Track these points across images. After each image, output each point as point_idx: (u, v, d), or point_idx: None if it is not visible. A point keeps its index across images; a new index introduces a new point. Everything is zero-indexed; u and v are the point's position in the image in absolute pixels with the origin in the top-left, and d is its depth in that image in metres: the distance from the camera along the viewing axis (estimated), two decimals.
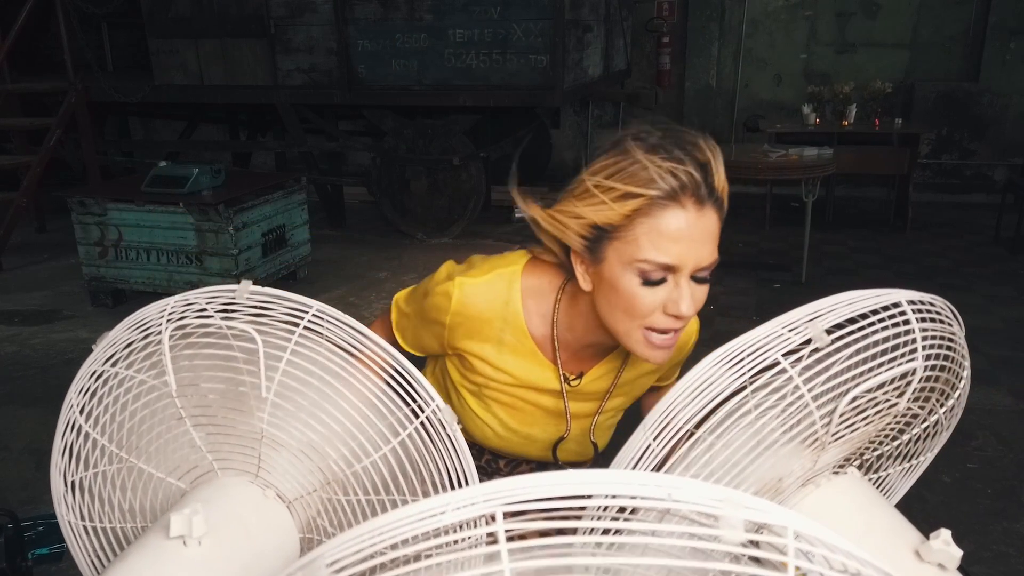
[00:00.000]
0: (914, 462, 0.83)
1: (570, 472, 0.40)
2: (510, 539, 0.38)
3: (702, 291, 0.94)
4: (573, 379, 1.13)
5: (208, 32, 5.43)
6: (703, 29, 6.86)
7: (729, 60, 6.89)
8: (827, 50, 6.67)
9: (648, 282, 0.91)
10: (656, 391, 1.28)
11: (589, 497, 0.38)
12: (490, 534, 0.38)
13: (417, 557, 0.39)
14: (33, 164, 5.32)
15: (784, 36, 6.74)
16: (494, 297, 1.07)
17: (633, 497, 0.38)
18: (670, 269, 0.90)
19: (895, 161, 5.49)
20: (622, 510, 0.57)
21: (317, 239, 4.90)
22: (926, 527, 0.78)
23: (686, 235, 0.88)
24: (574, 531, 0.58)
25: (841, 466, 0.76)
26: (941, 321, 0.73)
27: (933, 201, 6.44)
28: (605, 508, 0.55)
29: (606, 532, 0.54)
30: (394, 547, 0.41)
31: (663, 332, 0.94)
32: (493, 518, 0.39)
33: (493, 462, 1.27)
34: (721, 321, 3.97)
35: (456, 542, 0.39)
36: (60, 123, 5.44)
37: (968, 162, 6.56)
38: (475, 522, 0.39)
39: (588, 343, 1.08)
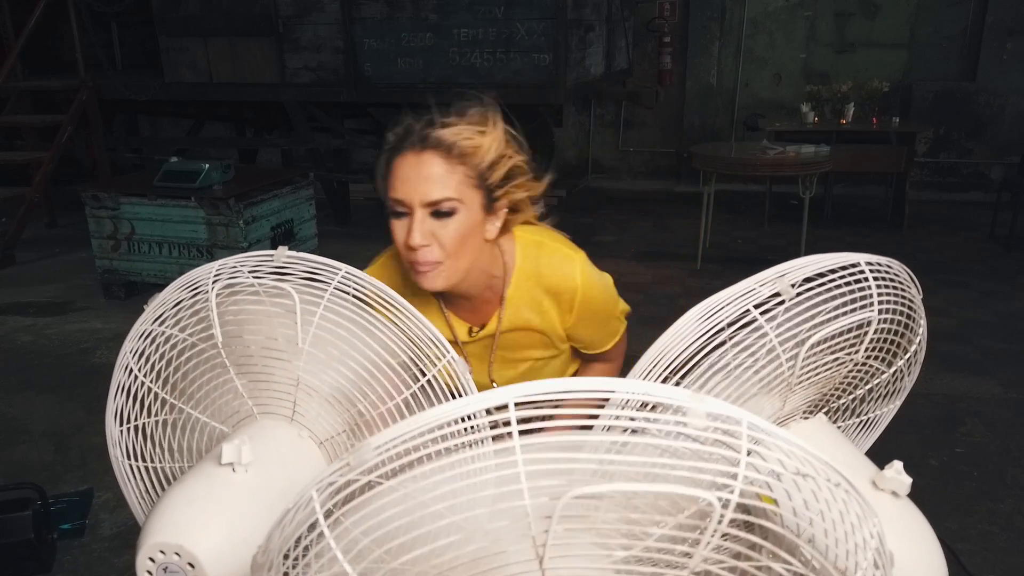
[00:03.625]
0: (878, 412, 0.93)
1: (572, 379, 0.50)
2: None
3: (443, 226, 1.12)
4: (476, 330, 1.31)
5: (217, 30, 5.53)
6: (704, 29, 6.96)
7: (730, 59, 6.98)
8: (826, 50, 6.76)
9: (395, 215, 1.14)
10: (596, 361, 1.45)
11: (588, 391, 0.48)
12: (505, 423, 0.48)
13: (445, 438, 0.49)
14: (45, 160, 5.43)
15: (784, 36, 6.83)
16: (392, 275, 1.26)
17: (621, 392, 0.48)
18: (402, 203, 1.12)
19: (893, 159, 5.58)
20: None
21: (323, 235, 5.00)
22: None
23: (407, 175, 1.11)
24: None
25: (810, 412, 0.86)
26: (900, 282, 0.82)
27: (930, 199, 6.53)
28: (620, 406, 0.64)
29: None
30: (422, 434, 0.50)
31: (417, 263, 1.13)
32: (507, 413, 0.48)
33: None
34: None
35: (475, 427, 0.48)
36: (71, 120, 5.54)
37: (965, 160, 6.64)
38: (493, 410, 0.48)
39: (457, 293, 1.24)
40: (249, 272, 0.87)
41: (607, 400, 0.54)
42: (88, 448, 2.90)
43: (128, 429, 0.91)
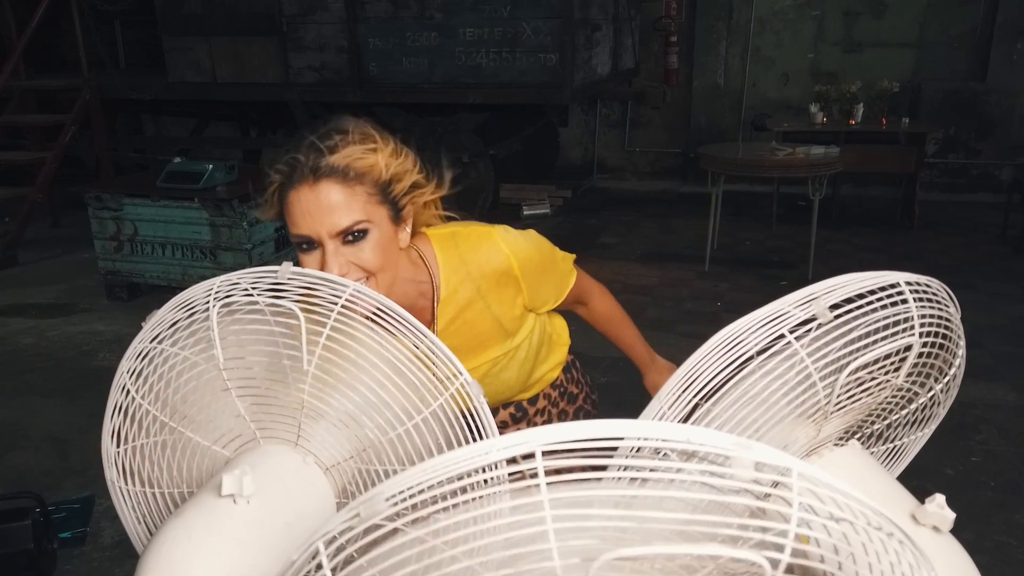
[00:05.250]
0: (912, 437, 0.88)
1: (603, 421, 0.45)
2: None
3: (358, 250, 1.06)
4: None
5: (220, 30, 5.50)
6: (711, 28, 6.90)
7: (737, 59, 6.93)
8: (834, 49, 6.71)
9: (303, 250, 1.07)
10: (580, 304, 1.44)
11: (621, 439, 0.43)
12: (531, 472, 0.44)
13: (464, 490, 0.45)
14: (48, 160, 5.40)
15: (791, 35, 6.77)
16: None
17: (658, 439, 0.44)
18: (308, 240, 1.05)
19: (902, 160, 5.52)
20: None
21: None
22: None
23: (306, 209, 1.04)
24: (604, 468, 0.64)
25: (843, 438, 0.81)
26: (938, 302, 0.78)
27: (939, 200, 6.47)
28: (636, 451, 0.60)
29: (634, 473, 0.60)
30: (442, 484, 0.46)
31: None
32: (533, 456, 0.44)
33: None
34: (728, 318, 4.01)
35: (498, 478, 0.44)
36: (75, 120, 5.51)
37: (974, 161, 6.58)
38: (518, 460, 0.44)
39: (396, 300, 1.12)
40: (251, 289, 0.83)
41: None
42: (89, 453, 2.86)
43: (125, 450, 0.87)
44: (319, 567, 0.47)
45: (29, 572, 2.17)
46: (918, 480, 1.11)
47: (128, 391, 0.85)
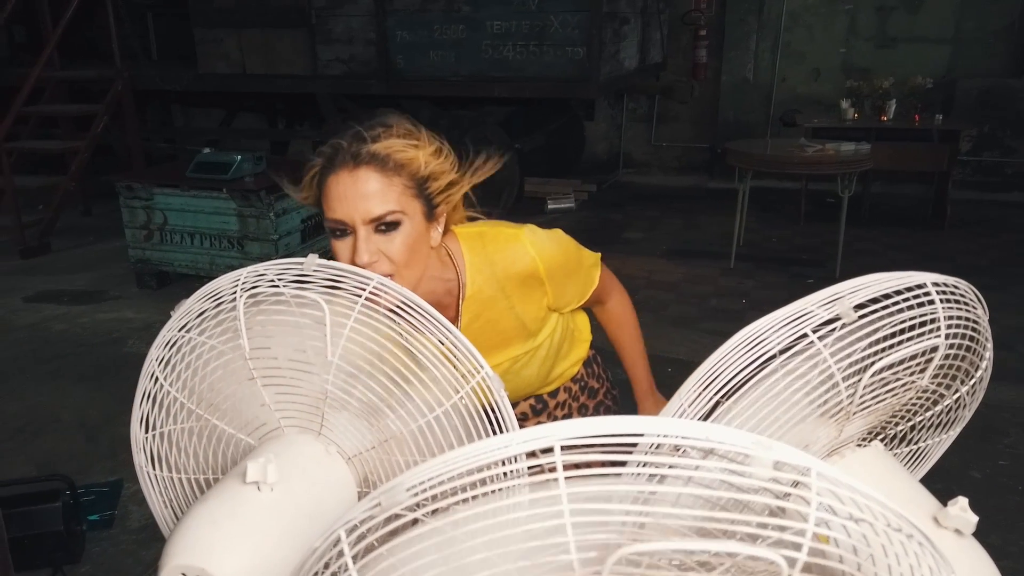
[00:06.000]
0: (937, 439, 0.87)
1: (622, 417, 0.46)
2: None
3: (389, 240, 1.07)
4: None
5: (251, 22, 5.55)
6: (741, 22, 6.83)
7: (767, 54, 6.85)
8: (867, 44, 6.60)
9: (335, 235, 1.08)
10: (598, 304, 1.43)
11: (640, 435, 0.44)
12: (550, 466, 0.44)
13: (483, 482, 0.45)
14: (80, 149, 5.49)
15: (823, 30, 6.68)
16: None
17: (677, 436, 0.44)
18: (342, 223, 1.07)
19: (934, 158, 5.42)
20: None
21: None
22: None
23: (343, 194, 1.06)
24: (623, 464, 0.64)
25: (865, 439, 0.81)
26: (965, 303, 0.77)
27: (972, 199, 6.34)
28: (655, 447, 0.60)
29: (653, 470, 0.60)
30: (462, 475, 0.47)
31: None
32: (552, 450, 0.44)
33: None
34: (753, 316, 3.98)
35: (517, 471, 0.44)
36: (107, 110, 5.60)
37: (1009, 160, 6.45)
38: (537, 454, 0.44)
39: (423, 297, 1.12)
40: (277, 280, 0.84)
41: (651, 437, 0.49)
42: (118, 438, 2.92)
43: (153, 436, 0.89)
44: (340, 555, 0.48)
45: (58, 552, 2.22)
46: (943, 483, 1.09)
47: (157, 379, 0.87)
